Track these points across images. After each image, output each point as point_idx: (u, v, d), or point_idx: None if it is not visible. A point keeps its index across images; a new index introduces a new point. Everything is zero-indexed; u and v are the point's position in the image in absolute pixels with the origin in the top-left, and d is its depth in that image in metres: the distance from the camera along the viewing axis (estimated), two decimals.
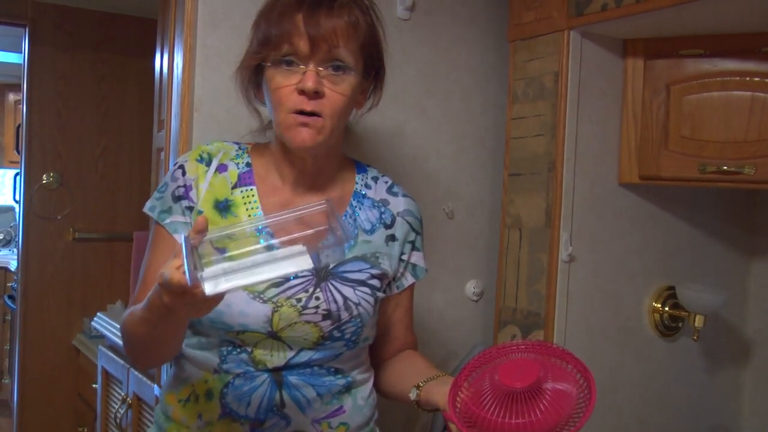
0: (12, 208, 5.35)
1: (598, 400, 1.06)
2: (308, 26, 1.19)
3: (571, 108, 1.80)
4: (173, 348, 1.25)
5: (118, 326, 2.49)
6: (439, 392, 1.21)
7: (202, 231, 1.01)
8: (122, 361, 2.41)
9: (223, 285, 0.96)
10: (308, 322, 1.24)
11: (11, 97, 5.17)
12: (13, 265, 4.44)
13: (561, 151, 1.80)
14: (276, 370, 1.25)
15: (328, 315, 1.24)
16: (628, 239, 1.95)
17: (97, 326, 2.81)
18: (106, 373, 2.60)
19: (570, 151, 1.81)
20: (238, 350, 1.25)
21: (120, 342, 2.41)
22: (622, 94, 1.90)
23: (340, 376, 1.30)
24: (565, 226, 1.81)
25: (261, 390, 1.24)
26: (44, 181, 3.28)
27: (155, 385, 1.97)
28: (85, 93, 3.32)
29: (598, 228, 1.89)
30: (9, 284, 4.54)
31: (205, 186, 1.30)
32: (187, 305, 1.00)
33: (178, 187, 1.30)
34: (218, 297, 0.99)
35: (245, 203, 1.30)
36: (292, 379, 1.26)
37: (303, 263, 1.00)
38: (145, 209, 1.33)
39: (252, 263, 0.98)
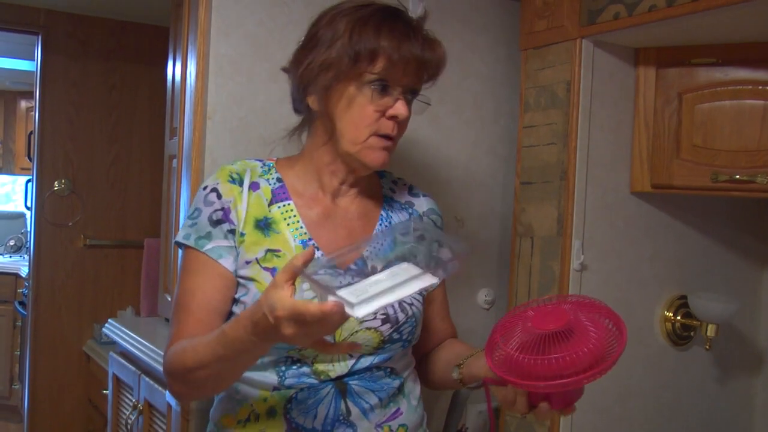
0: (23, 215, 5.37)
1: (607, 410, 1.06)
2: (411, 53, 1.21)
3: (583, 116, 1.80)
4: (237, 379, 1.25)
5: (129, 332, 2.52)
6: (478, 365, 1.25)
7: (311, 260, 1.01)
8: (133, 368, 2.41)
9: (367, 308, 0.97)
10: (369, 328, 1.26)
11: (23, 104, 5.21)
12: (24, 271, 4.46)
13: (573, 160, 1.80)
14: (338, 379, 1.27)
15: (386, 319, 1.27)
16: (640, 248, 1.94)
17: (108, 333, 2.81)
18: (117, 380, 2.60)
19: (582, 160, 1.81)
20: (298, 365, 1.25)
21: (131, 348, 2.42)
22: (634, 102, 1.90)
23: (394, 376, 1.33)
24: (576, 235, 1.81)
25: (326, 401, 1.26)
26: (56, 188, 3.29)
27: (167, 392, 1.97)
28: (96, 100, 3.34)
29: (610, 237, 1.89)
30: (20, 290, 4.55)
31: (244, 207, 1.29)
32: (307, 335, 1.00)
33: (216, 210, 1.28)
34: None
35: (285, 218, 1.30)
36: (355, 386, 1.27)
37: (430, 279, 1.06)
38: (179, 239, 1.29)
39: (375, 283, 1.01)
